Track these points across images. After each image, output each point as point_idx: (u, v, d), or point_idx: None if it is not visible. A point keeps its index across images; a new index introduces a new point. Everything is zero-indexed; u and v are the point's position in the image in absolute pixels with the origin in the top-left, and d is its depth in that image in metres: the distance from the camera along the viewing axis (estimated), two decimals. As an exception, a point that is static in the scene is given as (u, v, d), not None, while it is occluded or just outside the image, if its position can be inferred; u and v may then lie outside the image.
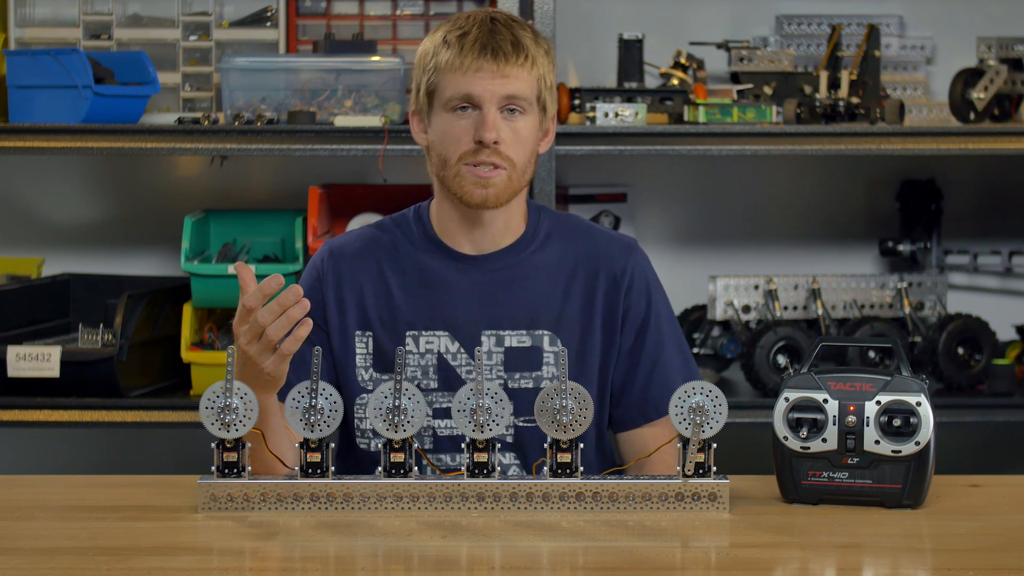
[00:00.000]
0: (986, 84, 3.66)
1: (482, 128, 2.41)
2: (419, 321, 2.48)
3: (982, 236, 4.07)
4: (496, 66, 2.41)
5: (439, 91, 2.44)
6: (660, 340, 2.51)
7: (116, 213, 4.06)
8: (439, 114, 2.45)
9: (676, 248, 4.08)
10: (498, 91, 2.41)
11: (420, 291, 2.49)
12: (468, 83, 2.41)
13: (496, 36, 2.42)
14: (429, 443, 2.46)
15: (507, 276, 2.49)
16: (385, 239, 2.54)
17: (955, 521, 2.16)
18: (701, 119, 3.60)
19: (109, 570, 1.91)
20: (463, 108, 2.42)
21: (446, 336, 2.47)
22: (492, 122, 2.40)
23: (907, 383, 2.18)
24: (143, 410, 3.52)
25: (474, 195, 2.43)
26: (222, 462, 2.16)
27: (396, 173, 3.76)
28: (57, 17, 3.80)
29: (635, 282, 2.51)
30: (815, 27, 3.97)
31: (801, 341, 3.63)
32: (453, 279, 2.49)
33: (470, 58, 2.41)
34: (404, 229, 2.54)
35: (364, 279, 2.50)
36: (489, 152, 2.41)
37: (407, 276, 2.50)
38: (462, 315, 2.47)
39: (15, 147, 3.50)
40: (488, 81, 2.41)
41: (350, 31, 3.79)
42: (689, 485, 2.16)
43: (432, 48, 2.45)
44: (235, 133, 3.51)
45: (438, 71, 2.43)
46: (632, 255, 2.53)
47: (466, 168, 2.43)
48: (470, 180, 2.43)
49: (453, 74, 2.42)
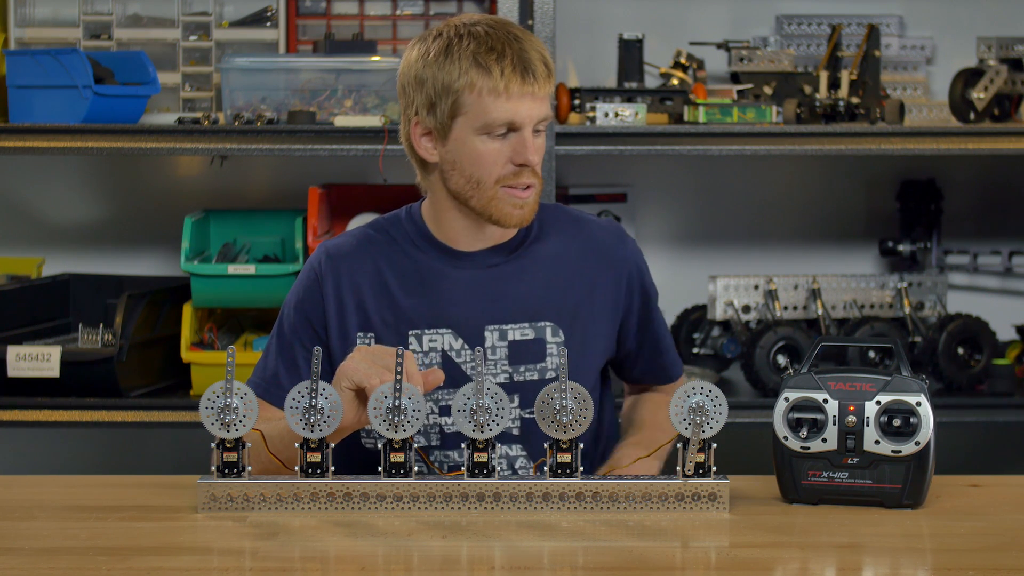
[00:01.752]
0: (986, 84, 3.66)
1: (525, 151, 2.39)
2: (421, 320, 2.48)
3: (982, 236, 4.07)
4: (534, 89, 2.39)
5: (472, 114, 2.39)
6: (660, 320, 2.61)
7: (116, 213, 4.07)
8: (469, 136, 2.40)
9: (676, 248, 4.08)
10: (535, 115, 2.41)
11: (420, 289, 2.49)
12: (514, 108, 2.38)
13: (525, 55, 2.39)
14: (436, 439, 2.46)
15: (506, 270, 2.50)
16: (380, 239, 2.53)
17: (955, 521, 2.16)
18: (701, 119, 3.60)
19: (109, 570, 1.91)
20: (500, 133, 2.41)
21: (449, 333, 2.47)
22: (532, 146, 2.41)
23: (907, 383, 2.18)
24: (143, 410, 3.52)
25: (512, 216, 2.43)
26: (222, 462, 2.16)
27: (396, 173, 3.76)
28: (57, 17, 3.80)
29: (633, 267, 2.55)
30: (815, 27, 3.98)
31: (801, 341, 3.63)
32: (452, 276, 2.49)
33: (513, 83, 2.37)
34: (398, 228, 2.54)
35: (362, 280, 2.50)
36: (529, 173, 2.42)
37: (406, 275, 2.50)
38: (463, 311, 2.48)
39: (15, 147, 3.50)
40: (529, 105, 2.39)
41: (350, 31, 3.79)
42: (689, 485, 2.16)
43: (458, 70, 2.38)
44: (235, 133, 3.51)
45: (471, 93, 2.38)
46: (624, 240, 2.57)
47: (504, 191, 2.42)
48: (508, 202, 2.42)
49: (495, 99, 2.38)
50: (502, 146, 2.40)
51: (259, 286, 3.57)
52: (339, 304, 2.49)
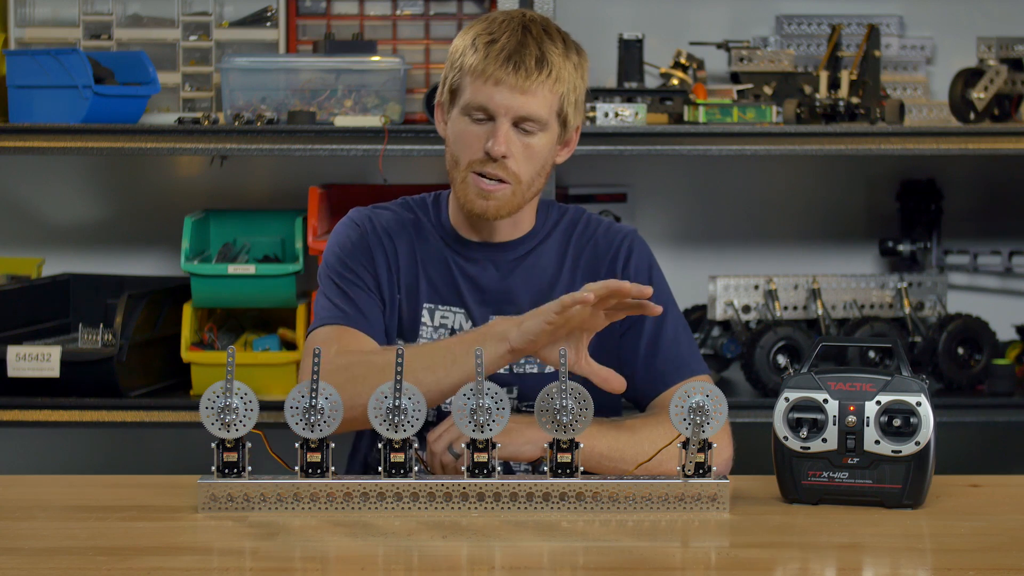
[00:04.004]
0: (986, 84, 3.66)
1: (492, 141, 2.42)
2: (438, 296, 2.52)
3: (982, 236, 4.07)
4: (516, 80, 2.40)
5: (460, 93, 2.45)
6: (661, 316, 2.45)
7: (116, 213, 4.06)
8: (457, 115, 2.46)
9: (676, 248, 4.08)
10: (514, 108, 2.42)
11: (440, 269, 2.54)
12: (487, 94, 2.41)
13: (523, 48, 2.41)
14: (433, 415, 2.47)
15: (515, 265, 2.54)
16: (410, 217, 2.59)
17: (955, 521, 2.16)
18: (701, 119, 3.60)
19: (109, 570, 1.91)
20: (479, 118, 2.42)
21: (462, 313, 2.51)
22: (502, 137, 2.41)
23: (907, 383, 2.18)
24: (143, 410, 3.52)
25: (475, 204, 2.47)
26: (222, 462, 2.16)
27: (396, 173, 3.76)
28: (57, 17, 3.80)
29: (632, 260, 2.55)
30: (815, 27, 3.97)
31: (801, 341, 3.63)
32: (463, 266, 2.54)
33: (492, 67, 2.40)
34: (424, 212, 2.60)
35: (400, 246, 2.55)
36: (496, 165, 2.43)
37: (428, 254, 2.55)
38: (475, 299, 2.52)
39: (15, 147, 3.50)
40: (507, 95, 2.41)
41: (350, 31, 3.79)
42: (689, 486, 2.16)
43: (462, 47, 2.45)
44: (235, 133, 3.51)
45: (463, 72, 2.44)
46: (629, 239, 2.57)
47: (472, 177, 2.45)
48: (473, 189, 2.45)
49: (475, 81, 2.42)
50: (480, 132, 2.44)
51: (259, 286, 3.57)
52: (385, 260, 2.54)
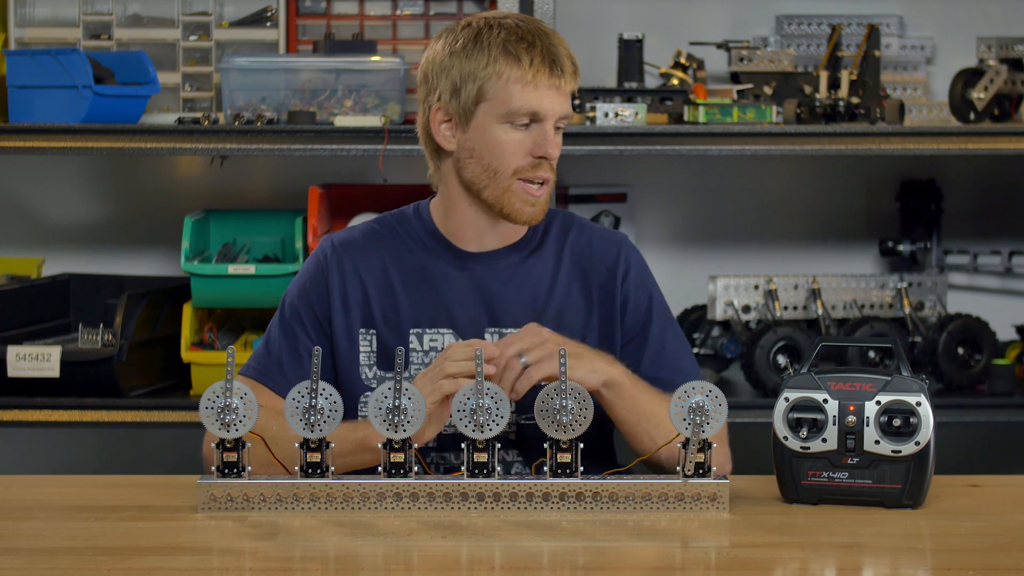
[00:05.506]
0: (986, 84, 3.66)
1: (546, 144, 2.41)
2: (423, 319, 2.47)
3: (982, 236, 4.07)
4: (560, 83, 2.41)
5: (497, 101, 2.40)
6: (663, 327, 2.51)
7: (116, 213, 4.07)
8: (491, 124, 2.41)
9: (676, 248, 4.08)
10: (559, 109, 2.42)
11: (422, 288, 2.48)
12: (539, 99, 2.39)
13: (556, 50, 2.40)
14: (433, 442, 2.45)
15: (509, 274, 2.50)
16: (387, 235, 2.53)
17: (955, 521, 2.16)
18: (701, 119, 3.60)
19: (109, 570, 1.91)
20: (523, 123, 2.41)
21: (450, 334, 2.47)
22: (555, 138, 2.43)
23: (907, 383, 2.18)
24: (143, 410, 3.52)
25: (524, 212, 2.44)
26: (222, 462, 2.16)
27: (396, 173, 3.76)
28: (57, 17, 3.80)
29: (631, 272, 2.52)
30: (815, 27, 3.97)
31: (801, 341, 3.63)
32: (455, 277, 2.49)
33: (543, 74, 2.38)
34: (405, 226, 2.53)
35: (367, 275, 2.49)
36: (547, 167, 2.42)
37: (410, 273, 2.49)
38: (464, 312, 2.47)
39: (15, 147, 3.50)
40: (554, 98, 2.41)
41: (350, 31, 3.79)
42: (689, 485, 2.16)
43: (487, 56, 2.39)
44: (235, 133, 3.51)
45: (498, 80, 2.39)
46: (623, 248, 2.54)
47: (519, 184, 2.42)
48: (521, 197, 2.42)
49: (522, 88, 2.39)
50: (523, 137, 2.41)
51: (259, 286, 3.57)
52: (343, 298, 2.49)
